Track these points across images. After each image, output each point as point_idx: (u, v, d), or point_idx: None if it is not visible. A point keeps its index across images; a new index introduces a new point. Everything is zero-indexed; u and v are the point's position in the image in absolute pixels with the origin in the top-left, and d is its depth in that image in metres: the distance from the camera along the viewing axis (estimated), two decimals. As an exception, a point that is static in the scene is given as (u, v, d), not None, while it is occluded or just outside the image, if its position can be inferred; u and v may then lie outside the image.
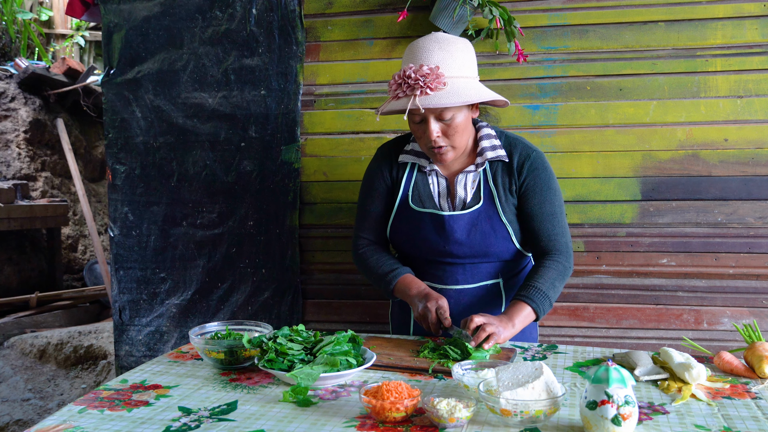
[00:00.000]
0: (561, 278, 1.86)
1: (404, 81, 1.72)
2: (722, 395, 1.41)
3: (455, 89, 1.72)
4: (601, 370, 1.20)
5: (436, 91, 1.70)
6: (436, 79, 1.70)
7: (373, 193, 1.99)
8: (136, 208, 2.80)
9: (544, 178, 1.88)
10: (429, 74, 1.70)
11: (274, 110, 2.65)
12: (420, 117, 1.77)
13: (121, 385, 1.51)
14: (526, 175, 1.87)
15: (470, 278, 1.92)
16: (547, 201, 1.88)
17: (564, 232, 1.91)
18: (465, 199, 1.89)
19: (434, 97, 1.70)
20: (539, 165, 1.88)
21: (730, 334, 2.40)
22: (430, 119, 1.75)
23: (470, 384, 1.38)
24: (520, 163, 1.87)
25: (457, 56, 1.75)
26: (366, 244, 2.02)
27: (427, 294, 1.82)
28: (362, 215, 2.02)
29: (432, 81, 1.69)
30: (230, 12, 2.64)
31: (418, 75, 1.70)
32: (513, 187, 1.88)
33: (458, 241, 1.86)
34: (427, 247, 1.90)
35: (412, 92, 1.71)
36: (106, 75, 2.79)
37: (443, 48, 1.75)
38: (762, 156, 2.36)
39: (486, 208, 1.86)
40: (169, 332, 2.81)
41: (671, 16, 2.37)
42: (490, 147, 1.88)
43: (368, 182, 2.01)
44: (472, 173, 1.89)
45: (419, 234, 1.90)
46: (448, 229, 1.86)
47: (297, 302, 2.69)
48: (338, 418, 1.29)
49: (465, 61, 1.77)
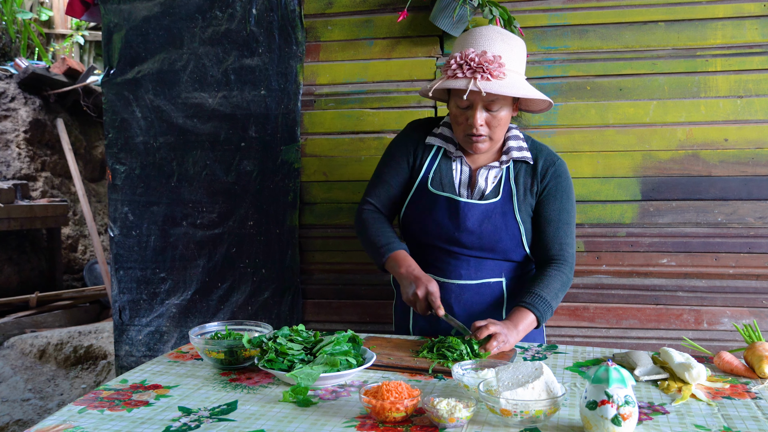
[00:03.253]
0: (563, 289, 1.87)
1: (466, 63, 1.74)
2: (722, 395, 1.41)
3: (513, 82, 1.75)
4: (601, 370, 1.20)
5: (496, 80, 1.73)
6: (499, 67, 1.73)
7: (393, 163, 1.99)
8: (136, 208, 2.80)
9: (566, 187, 1.91)
10: (492, 61, 1.73)
11: (274, 110, 2.65)
12: (467, 103, 1.78)
13: (121, 385, 1.51)
14: (549, 180, 1.89)
15: (474, 274, 1.92)
16: (565, 210, 1.90)
17: (573, 244, 1.92)
18: (484, 191, 1.89)
19: (495, 84, 1.72)
20: (563, 173, 1.91)
21: (730, 334, 2.40)
22: (478, 106, 1.77)
23: (470, 384, 1.38)
24: (544, 168, 1.90)
25: (516, 51, 1.80)
26: (372, 210, 2.01)
27: (417, 277, 1.81)
28: (376, 181, 2.03)
29: (495, 69, 1.72)
30: (230, 12, 2.64)
31: (481, 59, 1.72)
32: (534, 188, 1.89)
33: (469, 230, 1.86)
34: (437, 232, 1.90)
35: (473, 75, 1.73)
36: (106, 75, 2.79)
37: (505, 41, 1.78)
38: (762, 156, 2.36)
39: (503, 203, 1.87)
40: (169, 332, 2.81)
41: (671, 16, 2.37)
42: (516, 147, 1.91)
43: (392, 152, 2.02)
44: (495, 169, 1.90)
45: (432, 217, 1.90)
46: (461, 215, 1.87)
47: (297, 302, 2.69)
48: (338, 418, 1.29)
49: (522, 59, 1.82)
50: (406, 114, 2.54)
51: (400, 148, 2.00)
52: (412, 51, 2.54)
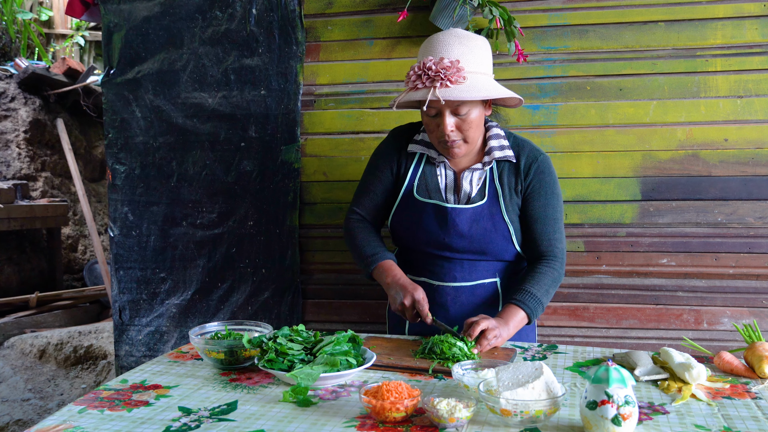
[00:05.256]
0: (554, 285, 1.88)
1: (424, 72, 1.73)
2: (722, 395, 1.41)
3: (474, 84, 1.74)
4: (601, 370, 1.20)
5: (456, 85, 1.72)
6: (457, 72, 1.72)
7: (378, 173, 2.00)
8: (136, 208, 2.80)
9: (549, 182, 1.90)
10: (450, 67, 1.72)
11: (274, 110, 2.65)
12: (435, 110, 1.78)
13: (121, 385, 1.51)
14: (532, 177, 1.89)
15: (468, 276, 1.92)
16: (550, 205, 1.90)
17: (562, 238, 1.92)
18: (470, 194, 1.90)
19: (454, 90, 1.72)
20: (546, 168, 1.91)
21: (730, 334, 2.40)
22: (445, 113, 1.77)
23: (470, 384, 1.38)
24: (527, 165, 1.89)
25: (476, 52, 1.78)
26: (358, 219, 2.03)
27: (403, 285, 1.81)
28: (361, 191, 2.04)
29: (453, 74, 1.71)
30: (230, 12, 2.64)
31: (438, 67, 1.72)
32: (519, 187, 1.89)
33: (459, 234, 1.87)
34: (427, 239, 1.91)
35: (432, 84, 1.72)
36: (106, 75, 2.79)
37: (463, 43, 1.77)
38: (762, 156, 2.36)
39: (489, 205, 1.87)
40: (169, 332, 2.81)
41: (671, 16, 2.37)
42: (498, 147, 1.90)
43: (375, 162, 2.02)
44: (478, 170, 1.90)
45: (421, 225, 1.90)
46: (450, 221, 1.87)
47: (297, 302, 2.69)
48: (338, 418, 1.29)
49: (483, 58, 1.80)
50: (405, 114, 2.53)
51: (382, 158, 2.00)
52: (412, 51, 2.55)
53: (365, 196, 2.03)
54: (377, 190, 2.01)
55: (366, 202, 2.02)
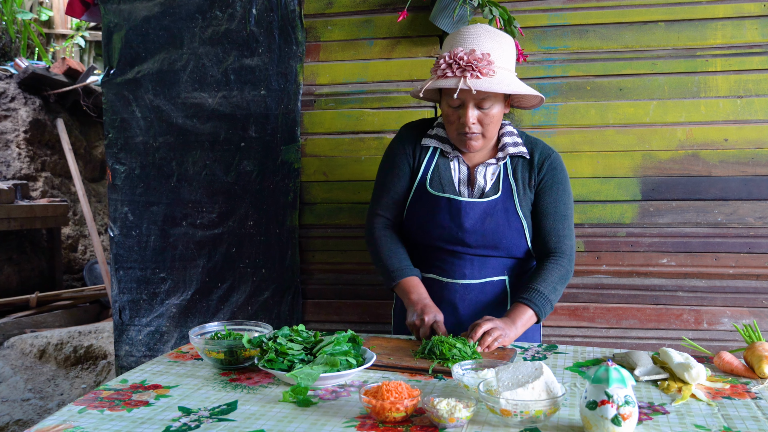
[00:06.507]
0: (563, 282, 1.87)
1: (455, 62, 1.74)
2: (722, 395, 1.41)
3: (503, 79, 1.76)
4: (601, 370, 1.20)
5: (486, 77, 1.73)
6: (488, 65, 1.73)
7: (396, 170, 1.98)
8: (136, 208, 2.80)
9: (561, 179, 1.92)
10: (481, 59, 1.73)
11: (274, 110, 2.65)
12: (459, 102, 1.79)
13: (121, 385, 1.51)
14: (545, 173, 1.90)
15: (477, 273, 1.92)
16: (561, 201, 1.91)
17: (571, 236, 1.93)
18: (484, 188, 1.90)
19: (485, 81, 1.73)
20: (558, 165, 1.92)
21: (730, 334, 2.40)
22: (469, 105, 1.78)
23: (470, 384, 1.38)
24: (540, 161, 1.91)
25: (505, 48, 1.80)
26: (383, 226, 2.00)
27: (427, 305, 1.82)
28: (382, 192, 2.01)
29: (484, 66, 1.73)
30: (230, 12, 2.64)
31: (470, 58, 1.73)
32: (532, 182, 1.90)
33: (471, 229, 1.87)
34: (439, 233, 1.90)
35: (462, 74, 1.73)
36: (106, 75, 2.79)
37: (494, 38, 1.79)
38: (762, 156, 2.36)
39: (503, 200, 1.88)
40: (169, 332, 2.81)
41: (671, 16, 2.37)
42: (512, 143, 1.92)
43: (391, 159, 2.01)
44: (492, 165, 1.91)
45: (434, 218, 1.90)
46: (463, 215, 1.87)
47: (297, 302, 2.69)
48: (338, 418, 1.29)
49: (511, 55, 1.82)
50: (406, 114, 2.54)
51: (398, 153, 1.99)
52: (412, 51, 2.55)
53: (385, 195, 2.00)
54: (397, 187, 1.98)
55: (387, 202, 1.99)
